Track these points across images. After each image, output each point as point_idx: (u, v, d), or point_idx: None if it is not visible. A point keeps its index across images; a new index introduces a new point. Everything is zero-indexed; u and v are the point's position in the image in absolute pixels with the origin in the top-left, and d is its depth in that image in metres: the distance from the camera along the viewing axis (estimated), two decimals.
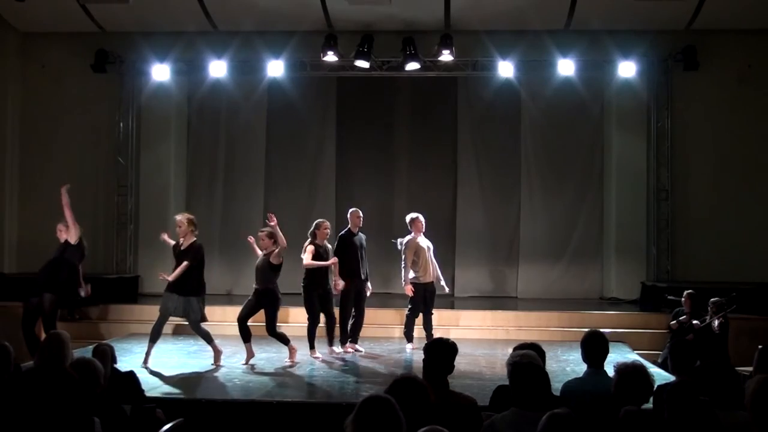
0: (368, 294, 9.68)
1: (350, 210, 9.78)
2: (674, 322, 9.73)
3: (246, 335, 8.64)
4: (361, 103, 13.92)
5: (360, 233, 9.66)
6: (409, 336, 9.86)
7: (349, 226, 9.63)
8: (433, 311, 9.99)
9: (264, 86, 13.45)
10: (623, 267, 13.03)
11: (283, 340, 8.74)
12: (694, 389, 3.80)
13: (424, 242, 9.90)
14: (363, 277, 9.52)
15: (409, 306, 9.89)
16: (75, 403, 3.60)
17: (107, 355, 5.29)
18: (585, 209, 13.51)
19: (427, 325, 9.91)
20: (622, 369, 4.16)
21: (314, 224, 9.21)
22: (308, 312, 9.08)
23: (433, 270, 9.96)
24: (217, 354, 8.49)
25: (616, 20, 12.53)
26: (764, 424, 3.32)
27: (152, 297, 12.79)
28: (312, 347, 9.05)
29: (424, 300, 9.83)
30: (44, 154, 13.38)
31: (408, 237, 9.88)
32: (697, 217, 12.86)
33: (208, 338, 8.46)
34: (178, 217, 8.69)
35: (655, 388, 4.29)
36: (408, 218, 10.04)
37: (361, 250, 9.54)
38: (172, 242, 8.77)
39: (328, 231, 9.23)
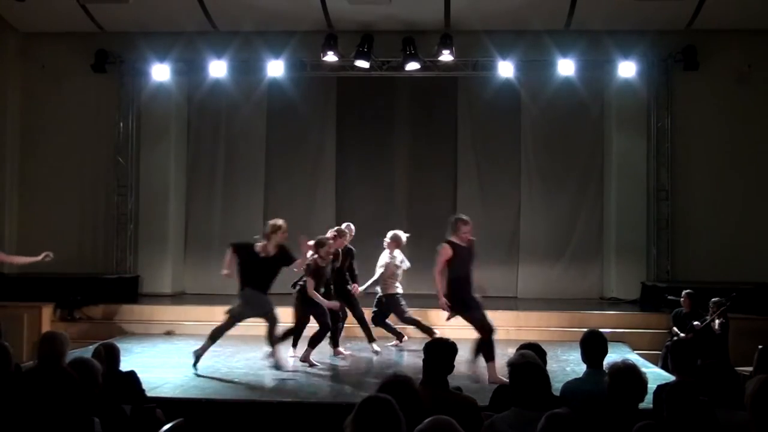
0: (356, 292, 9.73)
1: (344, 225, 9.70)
2: (686, 334, 9.46)
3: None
4: (361, 103, 13.93)
5: (349, 246, 9.54)
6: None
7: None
8: (384, 321, 9.83)
9: (264, 86, 13.44)
10: (623, 267, 13.01)
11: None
12: (694, 389, 3.80)
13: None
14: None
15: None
16: (75, 403, 3.60)
17: (104, 356, 5.28)
18: (585, 209, 13.51)
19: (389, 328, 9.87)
20: (614, 370, 4.14)
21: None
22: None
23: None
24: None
25: (616, 20, 12.52)
26: (764, 424, 3.32)
27: (152, 297, 12.81)
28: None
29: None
30: (44, 154, 13.38)
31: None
32: (697, 217, 12.85)
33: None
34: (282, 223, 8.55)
35: (655, 388, 4.29)
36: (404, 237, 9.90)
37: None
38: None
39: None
